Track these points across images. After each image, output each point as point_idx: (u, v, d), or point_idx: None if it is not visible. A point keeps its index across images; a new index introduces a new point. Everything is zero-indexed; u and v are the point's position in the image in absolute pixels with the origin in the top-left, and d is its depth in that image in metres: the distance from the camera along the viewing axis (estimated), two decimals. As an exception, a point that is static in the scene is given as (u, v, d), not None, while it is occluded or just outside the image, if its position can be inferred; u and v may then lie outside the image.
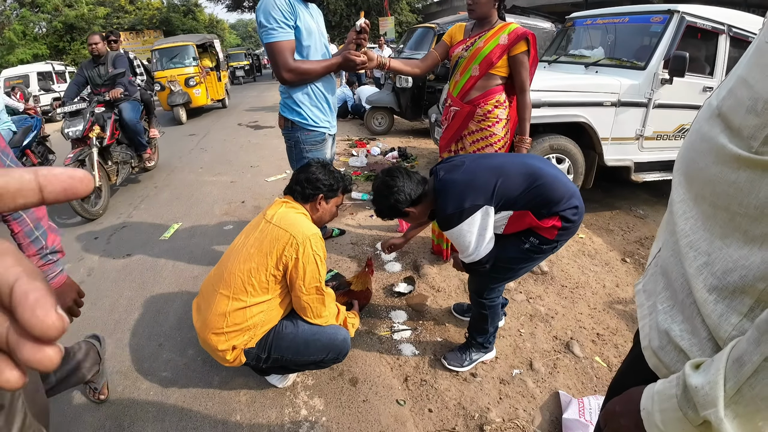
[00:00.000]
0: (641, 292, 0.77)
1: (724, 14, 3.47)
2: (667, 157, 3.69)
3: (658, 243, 0.77)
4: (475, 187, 1.50)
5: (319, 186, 1.66)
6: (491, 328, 1.85)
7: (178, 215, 3.84)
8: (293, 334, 1.60)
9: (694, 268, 0.57)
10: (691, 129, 0.66)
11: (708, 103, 0.62)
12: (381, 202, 1.63)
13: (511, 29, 2.11)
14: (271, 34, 1.85)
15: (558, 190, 1.53)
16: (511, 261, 1.65)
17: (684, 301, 0.60)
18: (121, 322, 2.34)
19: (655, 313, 0.67)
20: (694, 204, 0.60)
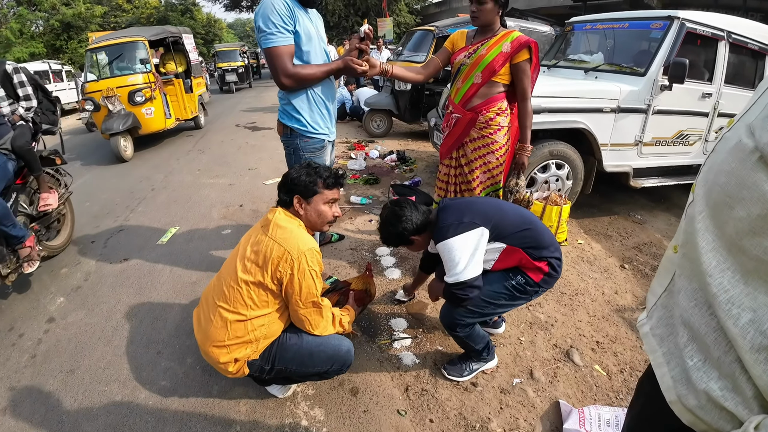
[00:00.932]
0: (650, 336, 0.73)
1: (723, 20, 3.48)
2: (666, 163, 3.70)
3: (662, 280, 0.73)
4: (475, 211, 1.63)
5: (291, 188, 1.58)
6: (479, 346, 1.84)
7: (175, 219, 3.82)
8: (297, 345, 1.59)
9: (739, 327, 0.54)
10: (713, 168, 0.60)
11: (737, 140, 0.56)
12: (389, 230, 1.74)
13: (513, 37, 2.11)
14: (270, 39, 1.83)
15: (546, 238, 1.69)
16: (493, 295, 1.69)
17: (721, 358, 0.57)
18: (118, 329, 2.33)
19: (683, 367, 0.64)
20: (728, 254, 0.56)
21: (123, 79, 6.16)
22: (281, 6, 1.81)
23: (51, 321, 2.44)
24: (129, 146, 6.08)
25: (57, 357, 2.14)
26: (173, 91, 7.18)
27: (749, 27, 3.64)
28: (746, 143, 0.53)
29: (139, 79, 6.21)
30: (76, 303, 2.60)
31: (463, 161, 2.38)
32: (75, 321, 2.42)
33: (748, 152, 0.52)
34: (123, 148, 5.88)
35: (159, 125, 6.53)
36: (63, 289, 2.76)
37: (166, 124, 6.67)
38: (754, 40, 3.60)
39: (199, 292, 2.62)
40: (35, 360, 2.13)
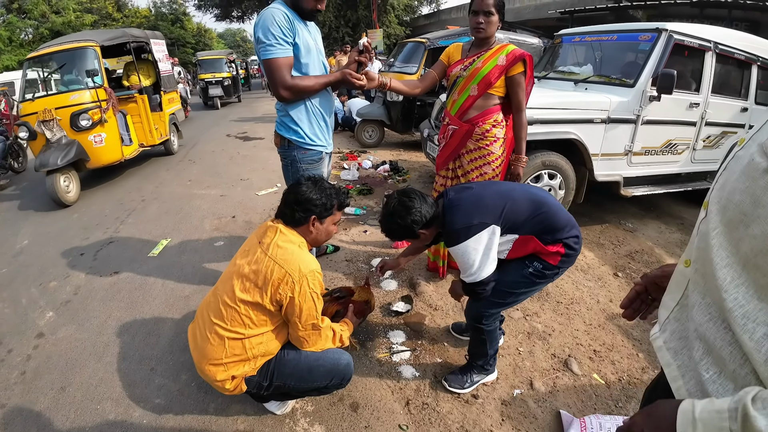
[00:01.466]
0: (664, 350, 0.74)
1: (710, 32, 3.58)
2: (655, 172, 3.77)
3: (673, 294, 0.74)
4: (483, 206, 1.55)
5: (310, 207, 1.56)
6: (491, 350, 1.85)
7: (166, 230, 3.76)
8: (296, 360, 1.57)
9: (755, 341, 0.55)
10: (727, 186, 0.62)
11: (750, 159, 0.58)
12: (396, 222, 1.62)
13: (508, 50, 2.15)
14: (269, 51, 1.83)
15: (561, 219, 1.59)
16: (513, 285, 1.66)
17: (737, 371, 0.58)
18: (110, 344, 2.27)
19: (698, 380, 0.64)
20: (743, 270, 0.57)
21: (64, 98, 4.69)
22: (281, 18, 1.82)
23: (40, 336, 2.37)
24: (73, 185, 4.64)
25: (47, 374, 2.08)
26: (136, 110, 5.82)
27: (735, 37, 3.75)
28: (759, 162, 0.55)
29: (85, 97, 4.71)
30: (66, 318, 2.53)
31: (459, 172, 2.40)
32: (65, 336, 2.36)
33: (762, 171, 0.54)
34: (63, 189, 4.44)
35: (113, 155, 5.03)
36: (52, 303, 2.69)
37: (123, 154, 5.17)
38: (740, 50, 3.71)
39: (193, 306, 2.58)
40: (25, 377, 2.07)
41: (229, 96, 13.77)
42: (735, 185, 0.59)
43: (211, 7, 23.14)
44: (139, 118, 5.90)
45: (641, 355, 2.18)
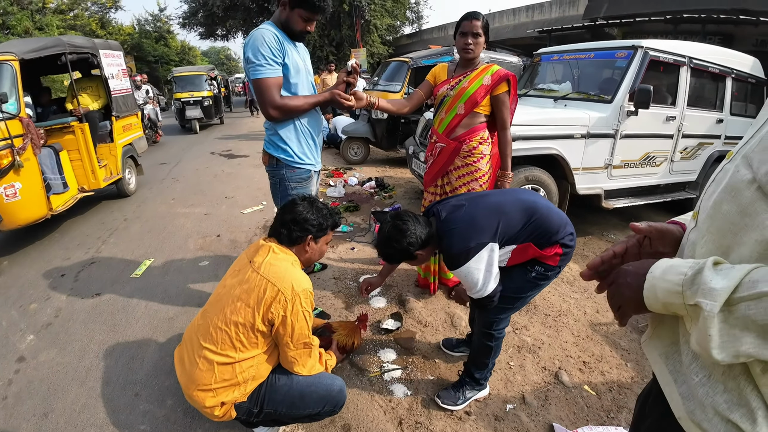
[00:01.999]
0: (656, 355, 0.76)
1: (684, 47, 3.75)
2: (635, 184, 3.88)
3: None
4: (479, 226, 1.55)
5: (307, 227, 1.58)
6: (491, 362, 1.85)
7: (149, 250, 3.68)
8: (287, 386, 1.53)
9: None
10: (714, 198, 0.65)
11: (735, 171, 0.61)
12: (393, 246, 1.60)
13: (493, 71, 2.22)
14: (258, 71, 1.85)
15: (554, 221, 1.62)
16: (519, 290, 1.69)
17: (726, 372, 0.60)
18: (92, 369, 2.19)
19: (688, 383, 0.67)
20: None
21: None
22: (271, 39, 1.84)
23: (21, 360, 2.28)
24: None
25: (29, 399, 1.99)
26: (73, 144, 4.33)
27: (709, 51, 3.93)
28: (744, 174, 0.58)
29: None
30: (47, 341, 2.44)
31: (448, 189, 2.44)
32: (47, 360, 2.27)
33: (747, 183, 0.57)
34: None
35: (34, 211, 3.60)
36: (33, 326, 2.60)
37: (51, 206, 3.76)
38: (714, 63, 3.89)
39: (177, 328, 2.52)
40: (6, 402, 1.98)
41: (209, 117, 12.13)
42: (722, 196, 0.63)
43: (195, 25, 23.19)
44: (78, 155, 4.39)
45: (629, 365, 2.21)
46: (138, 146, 5.80)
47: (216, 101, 12.54)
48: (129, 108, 5.52)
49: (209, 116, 12.05)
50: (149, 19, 25.78)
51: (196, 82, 11.88)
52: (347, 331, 2.03)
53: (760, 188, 0.55)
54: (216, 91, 12.84)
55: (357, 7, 18.65)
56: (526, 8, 14.92)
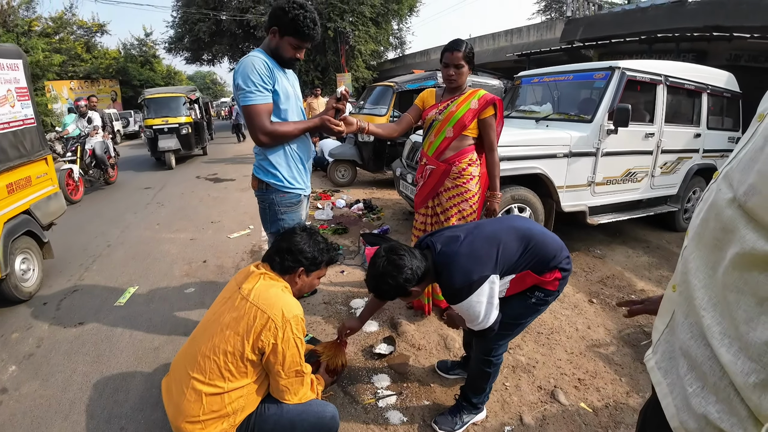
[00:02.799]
0: (656, 370, 0.78)
1: (660, 66, 3.91)
2: (618, 199, 3.98)
3: (663, 320, 0.79)
4: (479, 259, 1.51)
5: (300, 259, 1.57)
6: (489, 386, 1.83)
7: (134, 277, 3.59)
8: (277, 415, 1.48)
9: (731, 354, 0.59)
10: (703, 215, 0.68)
11: (717, 189, 0.64)
12: (388, 283, 1.50)
13: (480, 95, 2.30)
14: (248, 97, 1.86)
15: (550, 246, 1.62)
16: (519, 316, 1.68)
17: (717, 383, 0.62)
18: (76, 402, 2.10)
19: (683, 394, 0.68)
20: (720, 290, 0.62)
21: None
22: (261, 66, 1.86)
23: (4, 392, 2.18)
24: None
25: (12, 433, 1.89)
26: None
27: (684, 69, 4.10)
28: (726, 193, 0.61)
29: None
30: (29, 372, 2.34)
31: (438, 210, 2.47)
32: (29, 392, 2.17)
33: (728, 201, 0.60)
34: None
35: None
36: (14, 357, 2.49)
37: None
38: (689, 80, 4.06)
39: (163, 358, 2.44)
40: None
41: (188, 148, 10.07)
42: (708, 214, 0.66)
43: (181, 50, 23.39)
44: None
45: (624, 380, 2.21)
46: (46, 212, 3.63)
47: (197, 128, 10.64)
48: (26, 151, 3.36)
49: (188, 147, 10.07)
50: (135, 44, 25.83)
51: (172, 106, 9.95)
52: (333, 352, 1.98)
53: (740, 206, 0.58)
54: (197, 117, 11.08)
55: (342, 33, 19.12)
56: (505, 33, 15.50)
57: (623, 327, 2.73)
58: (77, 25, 22.14)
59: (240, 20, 19.69)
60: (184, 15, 21.20)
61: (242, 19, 19.51)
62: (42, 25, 19.58)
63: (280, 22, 1.88)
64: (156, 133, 9.50)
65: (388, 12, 20.78)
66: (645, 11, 8.47)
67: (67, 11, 21.03)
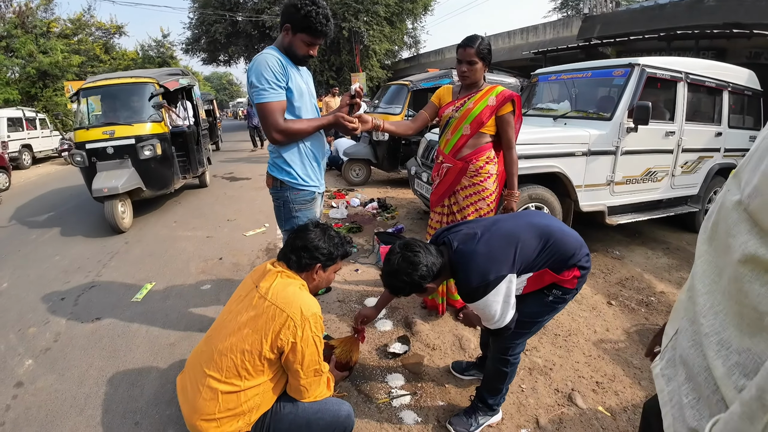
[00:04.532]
0: (660, 377, 0.75)
1: (680, 63, 3.81)
2: (637, 199, 3.88)
3: (673, 325, 0.75)
4: (496, 258, 1.48)
5: (317, 255, 1.56)
6: (506, 387, 1.79)
7: (150, 274, 3.64)
8: (293, 414, 1.48)
9: (727, 368, 0.56)
10: (713, 217, 0.65)
11: (726, 190, 0.61)
12: (403, 279, 1.49)
13: (497, 92, 2.26)
14: (262, 95, 1.85)
15: (569, 243, 1.57)
16: (536, 315, 1.64)
17: (710, 397, 0.59)
18: (91, 396, 2.13)
19: (680, 404, 0.65)
20: (722, 298, 0.59)
21: None
22: (275, 63, 1.85)
23: (19, 386, 2.23)
24: None
25: (27, 426, 1.93)
26: None
27: (705, 66, 3.99)
28: (735, 194, 0.58)
29: None
30: (46, 366, 2.39)
31: (455, 208, 2.43)
32: (45, 386, 2.21)
33: (735, 203, 0.57)
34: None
35: None
36: (31, 351, 2.55)
37: None
38: (710, 77, 3.94)
39: (179, 354, 2.46)
40: (4, 429, 1.92)
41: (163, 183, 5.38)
42: (718, 216, 0.63)
43: (198, 51, 23.75)
44: None
45: (643, 383, 2.15)
46: None
47: (185, 142, 6.02)
48: None
49: (163, 181, 5.35)
50: (153, 45, 26.32)
51: (126, 105, 5.38)
52: (347, 346, 1.97)
53: (745, 209, 0.54)
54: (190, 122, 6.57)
55: (356, 33, 19.15)
56: (521, 31, 15.33)
57: (643, 329, 2.66)
58: (96, 26, 22.60)
59: (255, 21, 19.90)
60: (200, 16, 21.52)
61: (258, 20, 19.71)
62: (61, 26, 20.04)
63: (293, 19, 1.86)
64: (91, 157, 4.91)
65: (403, 11, 20.73)
66: (663, 8, 8.27)
67: (85, 13, 21.49)
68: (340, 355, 1.94)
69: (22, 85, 18.03)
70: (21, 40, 17.45)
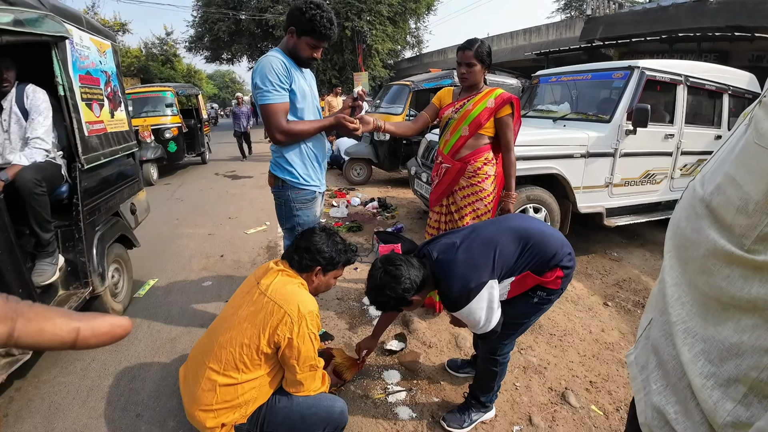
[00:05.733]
0: (633, 365, 0.77)
1: (680, 66, 3.82)
2: (636, 201, 3.90)
3: (647, 315, 0.78)
4: (476, 265, 1.50)
5: (318, 258, 1.59)
6: (497, 385, 1.83)
7: (153, 270, 3.69)
8: (287, 408, 1.52)
9: (693, 355, 0.58)
10: (677, 213, 0.68)
11: (692, 189, 0.64)
12: (387, 294, 1.51)
13: (497, 94, 2.29)
14: (266, 96, 1.90)
15: (550, 244, 1.59)
16: (522, 316, 1.67)
17: (677, 384, 0.62)
18: (94, 389, 2.17)
19: (649, 390, 0.68)
20: (689, 289, 0.62)
21: None
22: (278, 66, 1.90)
23: (23, 378, 2.27)
24: None
25: (30, 418, 1.97)
26: None
27: (705, 69, 3.99)
28: (698, 192, 0.61)
29: None
30: (49, 359, 2.42)
31: (453, 208, 2.47)
32: (48, 379, 2.26)
33: (699, 200, 0.60)
34: None
35: None
36: (34, 347, 2.58)
37: None
38: (710, 80, 3.94)
39: (180, 348, 2.50)
40: (7, 420, 1.96)
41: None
42: (682, 213, 0.66)
43: (201, 49, 23.78)
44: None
45: (637, 386, 2.18)
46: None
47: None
48: None
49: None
50: (156, 43, 26.38)
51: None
52: (346, 362, 2.04)
53: (707, 206, 0.57)
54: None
55: (359, 33, 19.16)
56: (523, 31, 15.31)
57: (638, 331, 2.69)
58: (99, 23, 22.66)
59: (259, 20, 19.92)
60: (204, 15, 21.54)
61: (261, 19, 19.74)
62: (66, 24, 20.03)
63: (298, 22, 1.91)
64: None
65: (406, 11, 20.70)
66: (666, 10, 8.28)
67: (89, 10, 21.53)
68: (338, 366, 2.00)
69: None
70: (25, 36, 17.44)
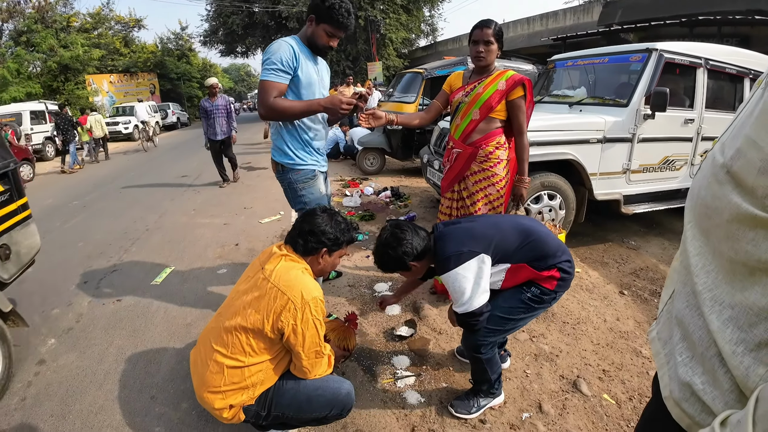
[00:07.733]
0: (656, 340, 0.77)
1: (700, 48, 3.66)
2: (655, 188, 3.78)
3: (668, 289, 0.77)
4: (474, 235, 1.58)
5: (323, 240, 1.58)
6: (494, 376, 1.81)
7: (170, 259, 3.77)
8: (294, 389, 1.53)
9: (721, 322, 0.58)
10: (696, 183, 0.68)
11: (712, 157, 0.63)
12: (387, 253, 1.63)
13: (508, 76, 2.23)
14: (265, 73, 2.00)
15: (550, 245, 1.63)
16: (511, 311, 1.66)
17: (704, 354, 0.61)
18: (110, 372, 2.24)
19: (674, 363, 0.68)
20: (713, 258, 0.61)
21: None
22: (287, 49, 1.99)
23: (41, 363, 2.35)
24: None
25: (48, 401, 2.05)
26: None
27: (726, 52, 3.82)
28: (718, 159, 0.60)
29: None
30: (68, 345, 2.51)
31: (465, 194, 2.43)
32: (66, 364, 2.33)
33: (719, 167, 0.59)
34: None
35: None
36: (54, 331, 2.68)
37: None
38: (731, 64, 3.77)
39: (194, 334, 2.56)
40: (25, 403, 2.04)
41: None
42: (702, 182, 0.65)
43: (216, 43, 23.99)
44: None
45: (651, 374, 2.13)
46: None
47: None
48: None
49: None
50: (171, 38, 26.71)
51: None
52: (340, 334, 1.97)
53: (728, 172, 0.57)
54: None
55: (372, 22, 18.99)
56: (540, 17, 14.93)
57: (654, 319, 2.63)
58: (115, 20, 23.02)
59: (272, 12, 19.94)
60: (218, 8, 21.67)
61: (274, 11, 19.74)
62: (80, 21, 20.43)
63: (318, 10, 2.00)
64: None
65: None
66: (686, -7, 7.95)
67: (104, 7, 21.86)
68: (336, 342, 1.97)
69: (44, 79, 18.46)
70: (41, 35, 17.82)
